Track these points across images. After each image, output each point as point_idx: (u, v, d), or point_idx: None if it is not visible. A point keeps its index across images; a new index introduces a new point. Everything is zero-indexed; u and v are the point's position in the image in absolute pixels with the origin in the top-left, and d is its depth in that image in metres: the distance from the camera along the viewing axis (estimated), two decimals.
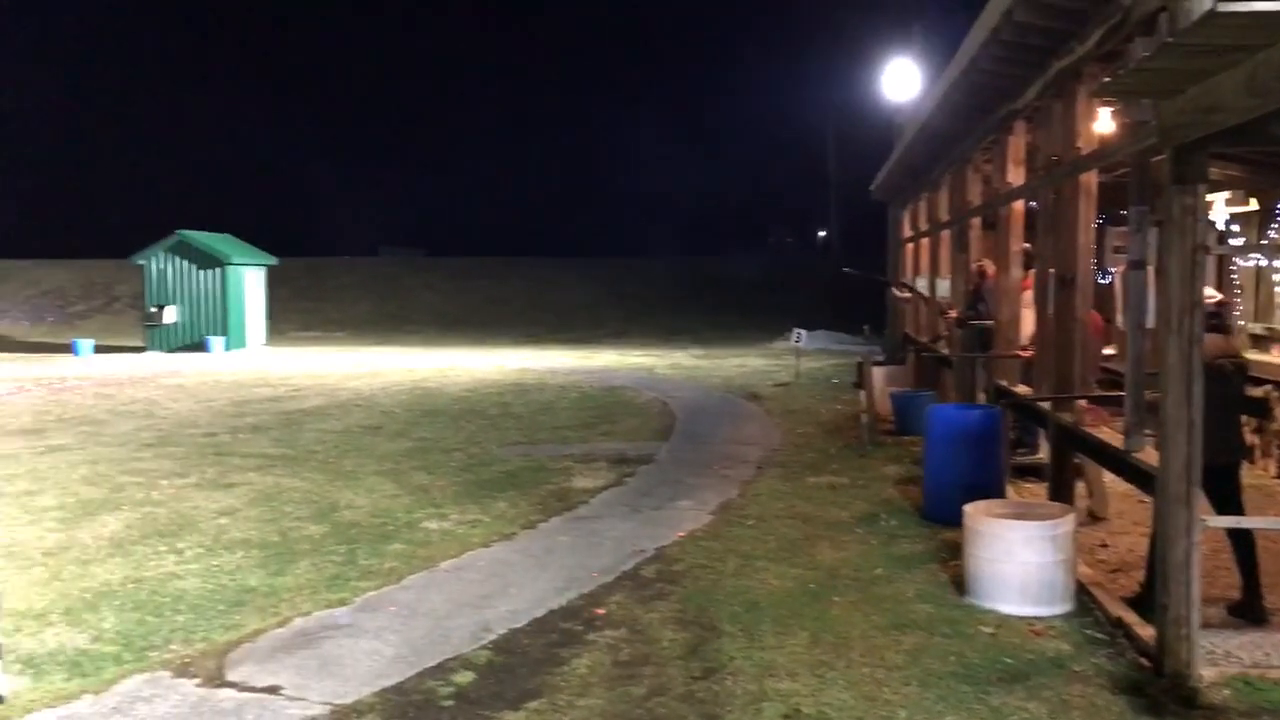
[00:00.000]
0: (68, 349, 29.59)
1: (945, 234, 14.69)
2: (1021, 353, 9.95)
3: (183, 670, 5.38)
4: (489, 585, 6.85)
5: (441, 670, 5.39)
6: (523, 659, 5.56)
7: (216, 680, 5.25)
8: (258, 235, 34.11)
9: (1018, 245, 10.17)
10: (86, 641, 5.81)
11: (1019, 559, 6.17)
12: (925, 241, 17.03)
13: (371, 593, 6.69)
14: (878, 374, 14.10)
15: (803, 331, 22.26)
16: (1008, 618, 6.05)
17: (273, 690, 5.13)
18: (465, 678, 5.28)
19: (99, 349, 29.35)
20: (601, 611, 6.33)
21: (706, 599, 6.52)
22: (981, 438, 8.49)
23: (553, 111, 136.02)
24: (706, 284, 46.52)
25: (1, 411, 16.14)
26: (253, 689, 5.14)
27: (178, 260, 29.81)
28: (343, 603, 6.49)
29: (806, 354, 23.84)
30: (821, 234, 75.99)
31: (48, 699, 5.02)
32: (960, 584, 6.58)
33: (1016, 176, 9.95)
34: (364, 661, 5.50)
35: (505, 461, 11.36)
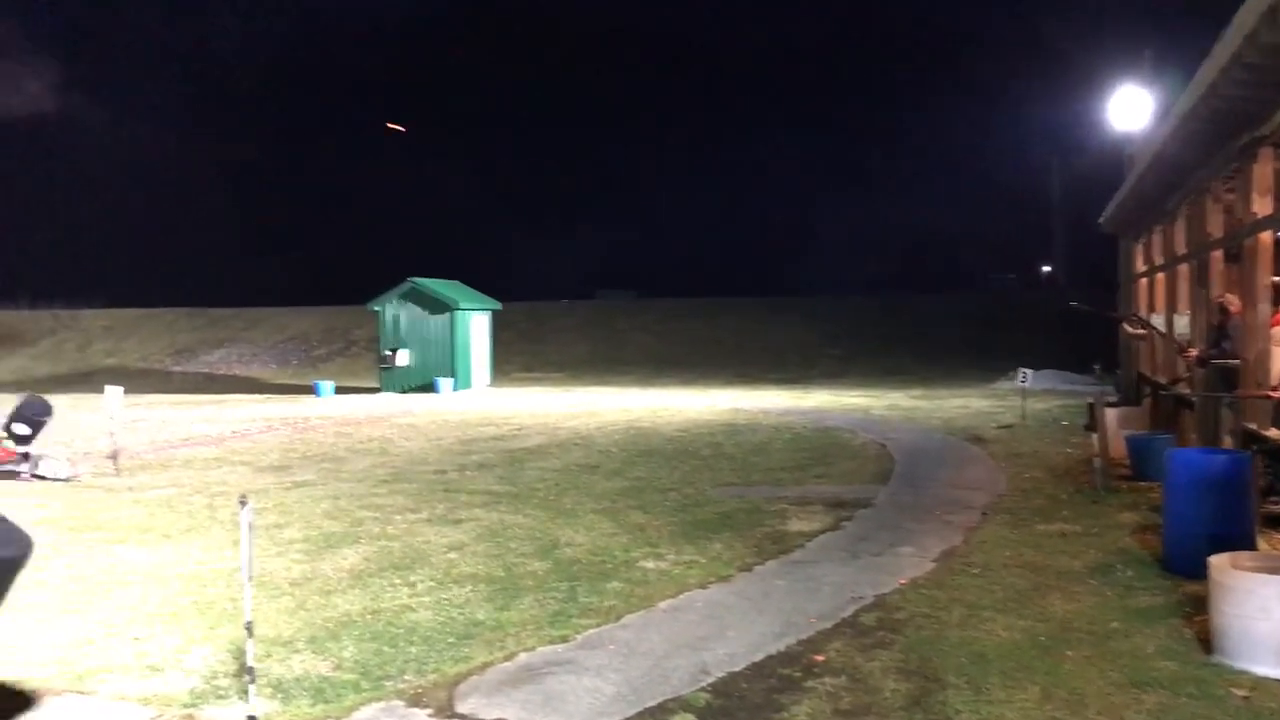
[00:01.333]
0: (310, 390, 31.66)
1: (1183, 268, 13.85)
2: (1272, 393, 9.25)
3: (415, 700, 5.62)
4: (706, 627, 6.85)
5: (661, 711, 5.42)
6: (741, 703, 5.52)
7: (447, 712, 5.45)
8: (482, 281, 35.66)
9: (1266, 279, 9.49)
10: (329, 669, 6.15)
11: (1276, 616, 5.70)
12: (1161, 276, 16.10)
13: (592, 630, 6.81)
14: (1111, 415, 13.37)
15: (1028, 371, 21.42)
16: (1263, 680, 5.59)
17: None
18: None
19: (338, 390, 31.27)
20: (820, 658, 6.22)
21: (930, 649, 6.31)
22: (1228, 484, 7.92)
23: (761, 152, 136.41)
24: (923, 322, 45.43)
25: (253, 449, 17.40)
26: None
27: (410, 306, 31.49)
28: (564, 639, 6.63)
29: (1032, 394, 22.90)
30: (1046, 269, 72.97)
31: None
32: (1206, 641, 6.13)
33: (1263, 206, 9.29)
34: (585, 699, 5.59)
35: (720, 502, 11.38)
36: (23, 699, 5.72)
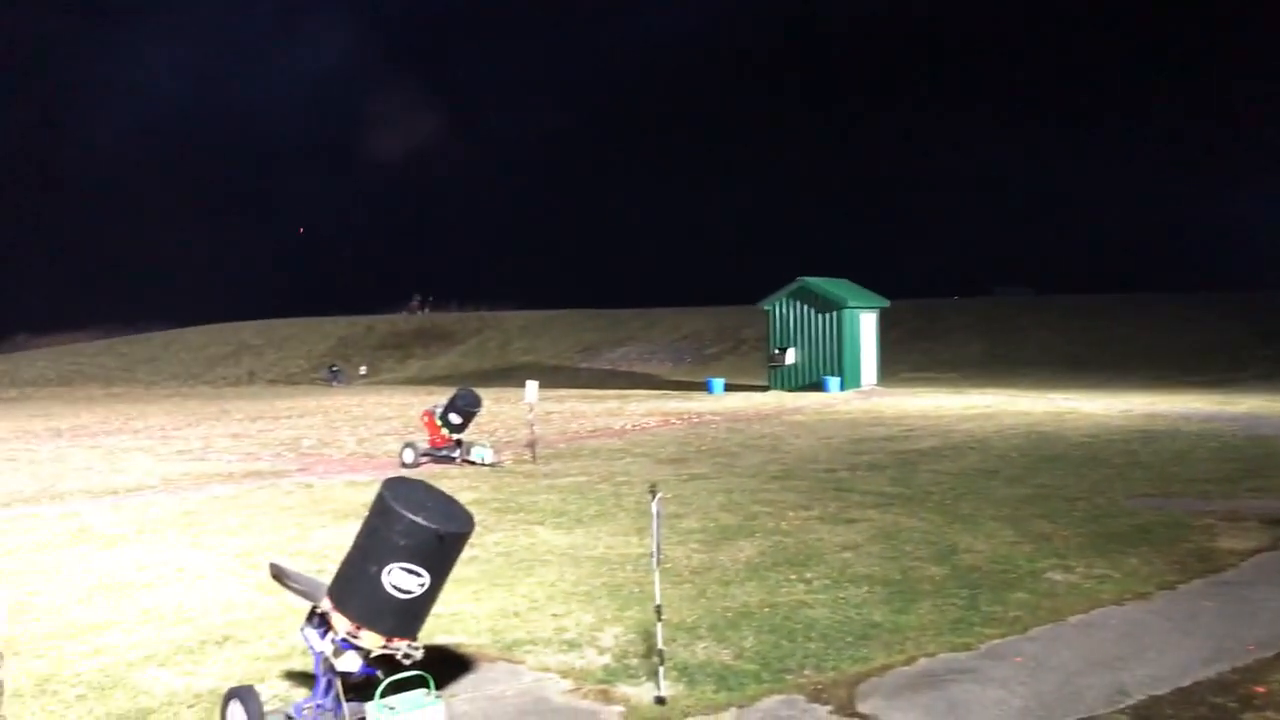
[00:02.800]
0: (703, 387, 32.76)
1: None
2: None
3: (815, 696, 5.65)
4: (1123, 646, 6.37)
5: None
6: None
7: (848, 710, 5.44)
8: (870, 278, 35.29)
9: None
10: (730, 658, 6.32)
11: None
12: None
13: (996, 640, 6.54)
14: None
15: None
16: None
17: None
18: None
19: (728, 387, 32.14)
20: (1261, 690, 5.60)
21: None
22: None
23: (1163, 133, 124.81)
24: None
25: (652, 441, 18.27)
26: None
27: (799, 305, 31.76)
28: (966, 647, 6.41)
29: None
30: None
31: (700, 707, 5.54)
32: None
33: None
34: (991, 710, 5.38)
35: (1134, 514, 10.53)
36: (461, 662, 6.35)
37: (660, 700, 5.56)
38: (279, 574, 5.56)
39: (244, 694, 5.05)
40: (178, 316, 66.97)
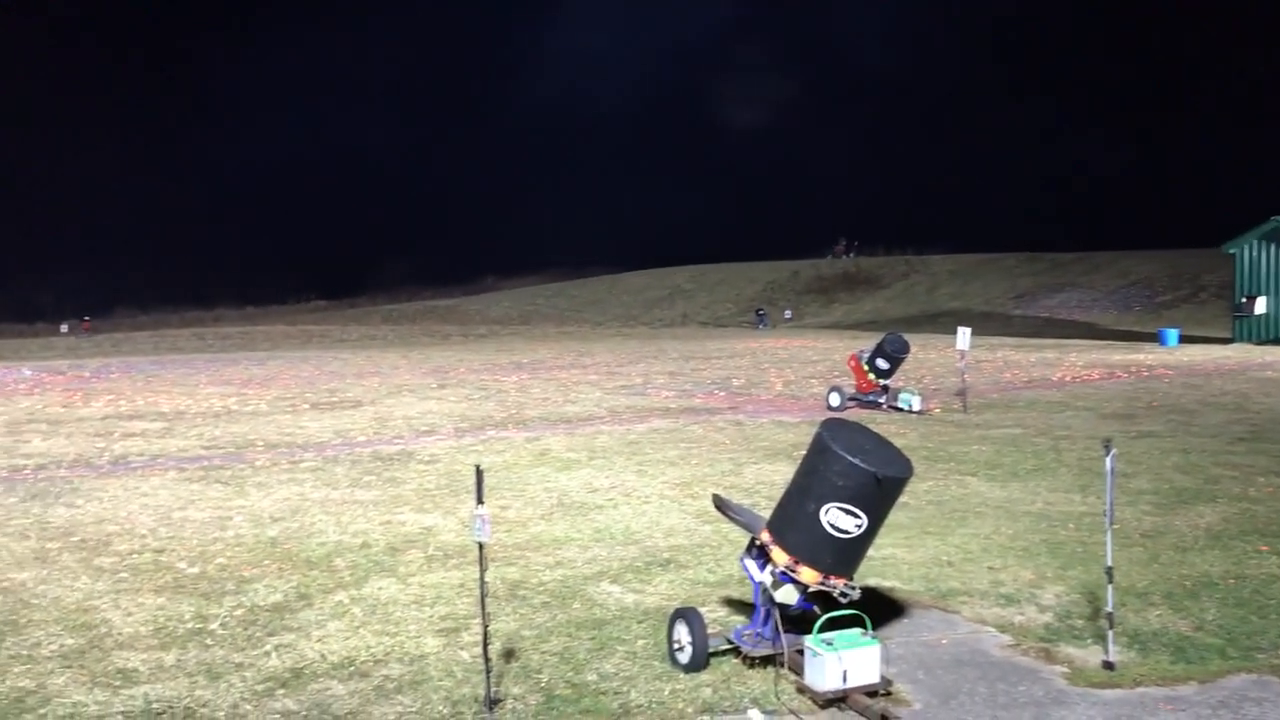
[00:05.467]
0: (1153, 338, 30.15)
1: None
2: None
3: None
4: None
5: None
6: None
7: None
8: None
9: None
10: (1189, 629, 5.83)
11: None
12: None
13: None
14: None
15: None
16: None
17: None
18: None
19: (1183, 339, 29.34)
20: None
21: None
22: None
23: None
24: None
25: (1095, 395, 17.11)
26: None
27: (1272, 247, 28.27)
28: None
29: None
30: None
31: (1154, 677, 5.16)
32: None
33: None
34: None
35: None
36: (894, 607, 6.34)
37: (1109, 665, 5.24)
38: (721, 505, 5.82)
39: (690, 615, 5.36)
40: (620, 262, 71.41)
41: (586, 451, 12.20)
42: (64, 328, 56.59)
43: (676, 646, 5.37)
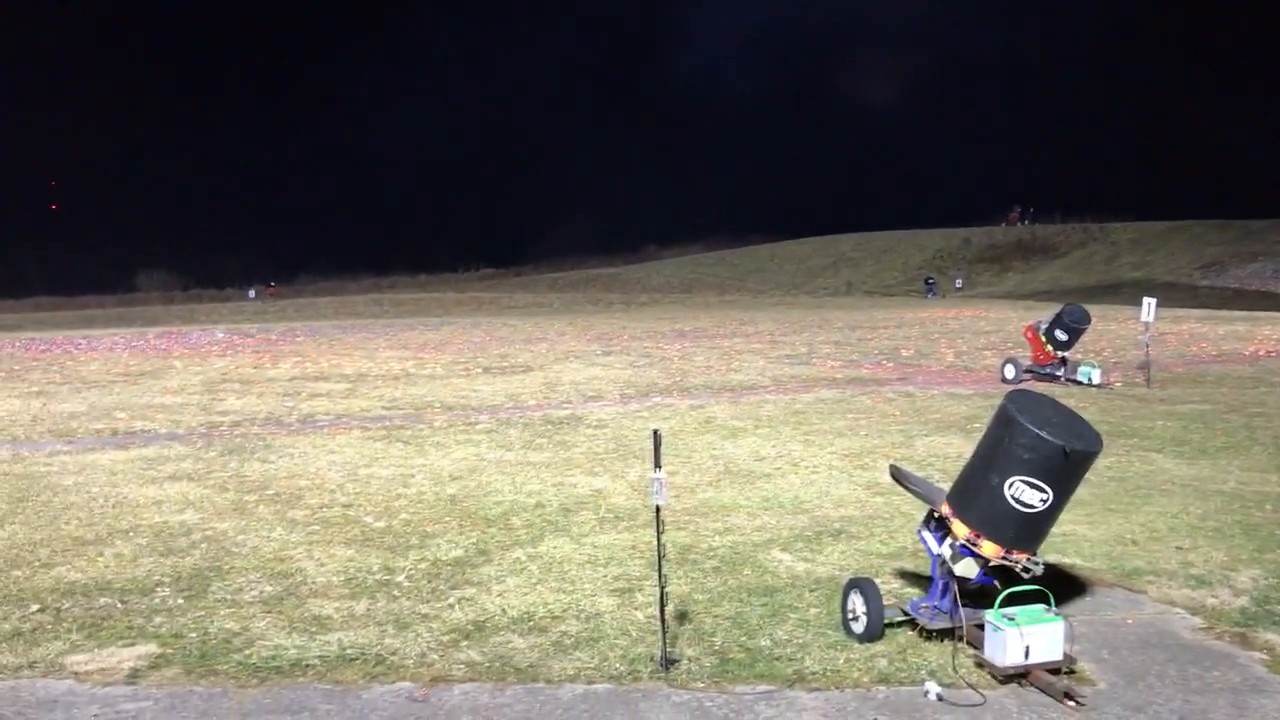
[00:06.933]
0: None
1: None
2: None
3: None
4: None
5: None
6: None
7: None
8: None
9: None
10: None
11: None
12: None
13: None
14: None
15: None
16: None
17: None
18: None
19: None
20: None
21: None
22: None
23: None
24: None
25: None
26: None
27: None
28: None
29: None
30: None
31: None
32: None
33: None
34: None
35: None
36: (1076, 584, 6.15)
37: None
38: (899, 475, 5.75)
39: (865, 585, 5.33)
40: (781, 230, 70.71)
41: (752, 420, 12.20)
42: (251, 293, 59.77)
43: (851, 616, 5.34)
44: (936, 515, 5.21)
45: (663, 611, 5.09)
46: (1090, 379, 14.68)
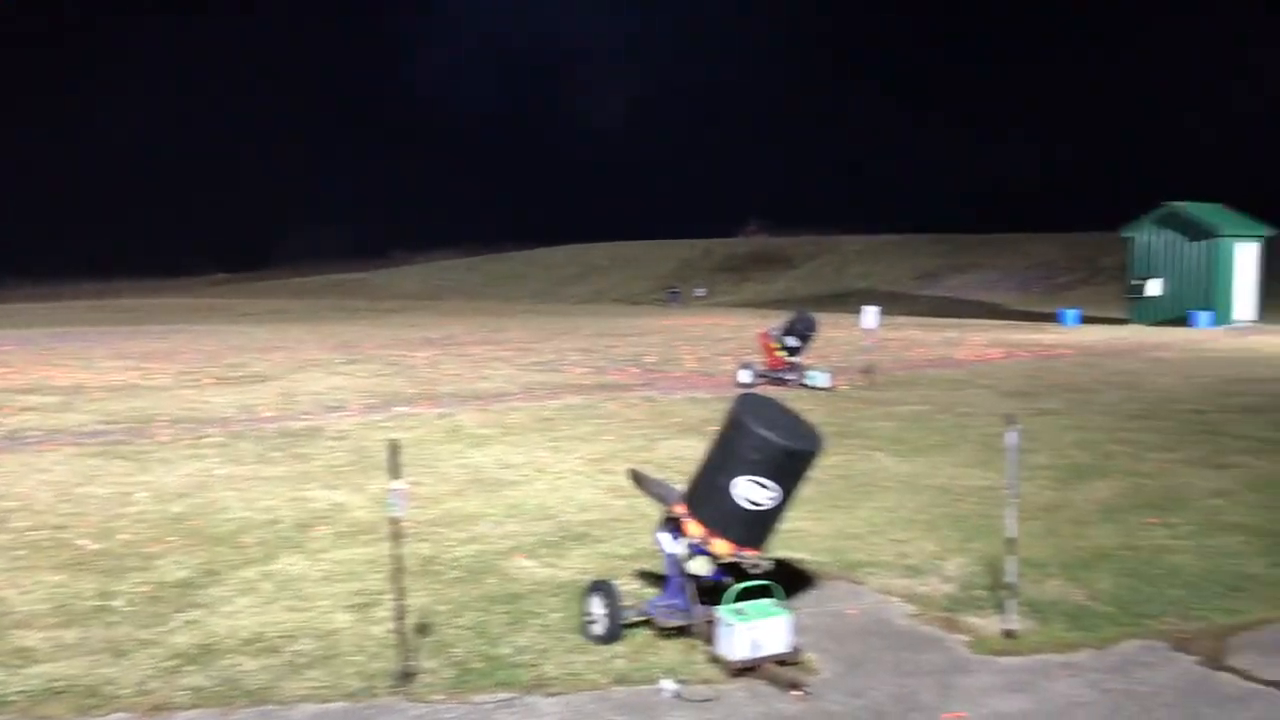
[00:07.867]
0: (1051, 318, 31.05)
1: None
2: None
3: (1180, 645, 5.32)
4: None
5: None
6: None
7: (1216, 662, 5.09)
8: (1252, 205, 31.84)
9: None
10: (1084, 598, 6.06)
11: None
12: None
13: None
14: None
15: None
16: None
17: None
18: None
19: (1084, 319, 30.27)
20: None
21: None
22: None
23: None
24: None
25: (996, 373, 17.59)
26: (1258, 680, 4.88)
27: (1166, 232, 29.32)
28: None
29: None
30: None
31: (1051, 644, 5.36)
32: None
33: None
34: None
35: None
36: (803, 578, 6.47)
37: (1009, 634, 5.42)
38: (638, 479, 5.87)
39: (605, 587, 5.40)
40: (536, 237, 71.04)
41: (499, 428, 12.17)
42: None
43: (590, 619, 5.41)
44: (672, 516, 5.35)
45: (400, 624, 4.99)
46: (819, 383, 15.49)
